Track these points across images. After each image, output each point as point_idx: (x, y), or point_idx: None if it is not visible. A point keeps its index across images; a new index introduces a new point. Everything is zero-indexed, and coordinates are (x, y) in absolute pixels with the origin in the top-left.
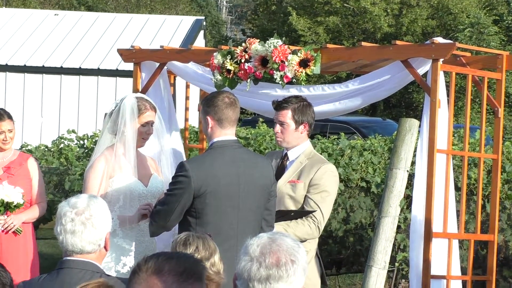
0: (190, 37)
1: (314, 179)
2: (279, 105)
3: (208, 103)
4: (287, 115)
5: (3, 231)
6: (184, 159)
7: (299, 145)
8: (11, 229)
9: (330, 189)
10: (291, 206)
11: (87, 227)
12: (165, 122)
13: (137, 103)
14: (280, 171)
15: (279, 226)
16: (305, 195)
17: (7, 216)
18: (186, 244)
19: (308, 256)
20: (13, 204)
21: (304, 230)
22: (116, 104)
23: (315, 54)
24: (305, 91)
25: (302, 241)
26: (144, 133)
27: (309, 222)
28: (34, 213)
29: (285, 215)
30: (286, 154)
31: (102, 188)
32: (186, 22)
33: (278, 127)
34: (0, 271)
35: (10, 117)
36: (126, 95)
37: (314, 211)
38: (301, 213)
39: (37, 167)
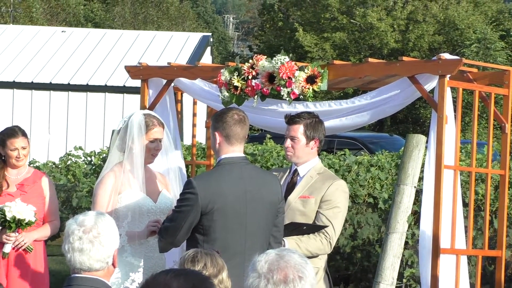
0: (197, 53)
1: (326, 195)
2: (292, 119)
3: (217, 119)
4: (298, 130)
5: (13, 248)
6: (185, 177)
7: (309, 160)
8: (21, 246)
9: (342, 205)
10: (302, 221)
11: (95, 245)
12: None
13: (144, 119)
14: (290, 186)
15: (291, 241)
16: (317, 211)
17: (19, 234)
18: (194, 261)
19: (317, 275)
20: (25, 222)
21: (316, 245)
22: (124, 121)
23: (322, 71)
24: (312, 107)
25: (313, 257)
26: (152, 149)
27: (321, 237)
28: (46, 231)
29: (297, 228)
30: (296, 169)
31: (111, 204)
32: (193, 38)
33: (288, 142)
34: None
35: (24, 134)
36: (134, 112)
37: (326, 226)
38: (314, 227)
39: (51, 186)
